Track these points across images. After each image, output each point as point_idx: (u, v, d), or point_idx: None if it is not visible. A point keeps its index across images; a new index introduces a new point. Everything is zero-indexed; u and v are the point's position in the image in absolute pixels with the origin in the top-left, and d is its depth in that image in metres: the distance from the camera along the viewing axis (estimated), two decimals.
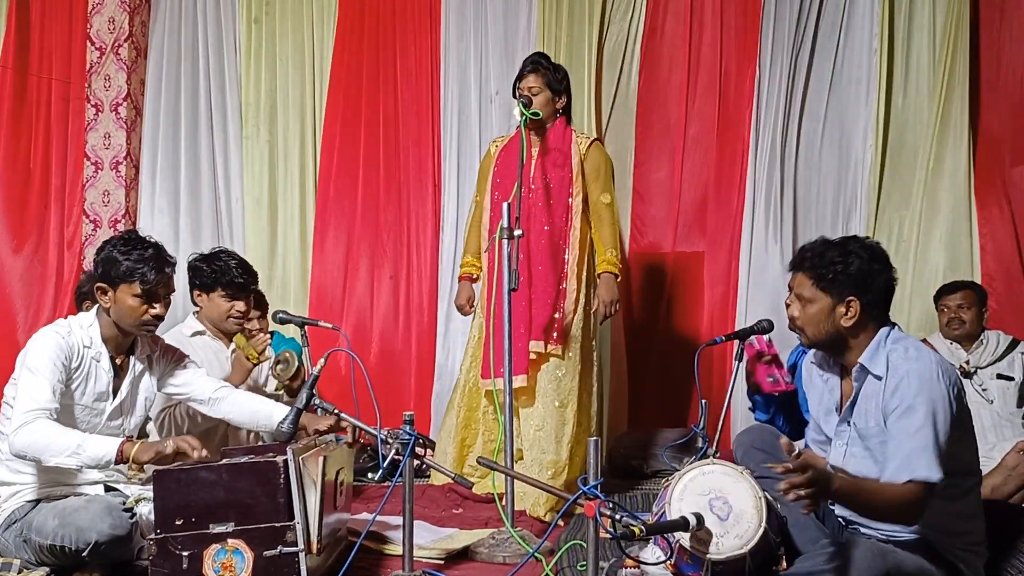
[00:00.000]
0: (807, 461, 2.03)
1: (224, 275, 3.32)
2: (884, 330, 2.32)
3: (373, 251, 5.07)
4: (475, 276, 3.80)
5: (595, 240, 3.66)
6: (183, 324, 3.46)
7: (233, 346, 3.43)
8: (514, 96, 3.60)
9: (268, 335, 3.37)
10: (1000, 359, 3.90)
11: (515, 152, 3.53)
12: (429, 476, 3.92)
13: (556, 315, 3.56)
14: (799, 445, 2.59)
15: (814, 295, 2.33)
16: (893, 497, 2.16)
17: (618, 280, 3.62)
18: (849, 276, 2.28)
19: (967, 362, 3.90)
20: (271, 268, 5.16)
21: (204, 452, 2.45)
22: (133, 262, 2.61)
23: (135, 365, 2.78)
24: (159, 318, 2.68)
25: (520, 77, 3.66)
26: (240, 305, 3.36)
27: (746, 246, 4.75)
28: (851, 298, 2.29)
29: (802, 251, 2.41)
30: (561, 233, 3.59)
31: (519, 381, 3.47)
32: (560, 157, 3.61)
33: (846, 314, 2.30)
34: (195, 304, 3.43)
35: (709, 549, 2.13)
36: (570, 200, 3.60)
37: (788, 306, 2.47)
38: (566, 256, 3.59)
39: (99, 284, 2.65)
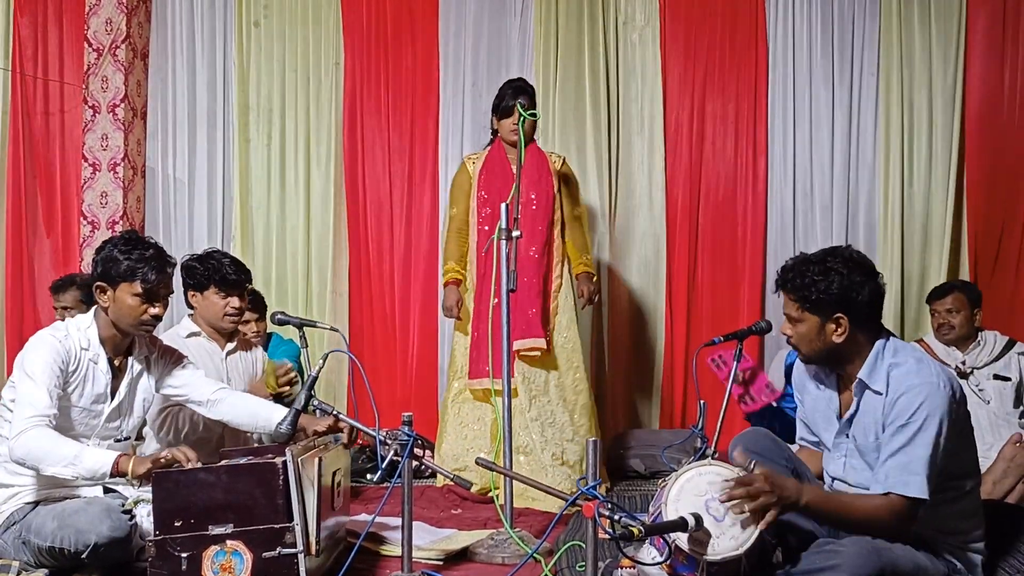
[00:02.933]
0: (765, 474, 2.09)
1: (216, 272, 3.32)
2: (880, 343, 2.31)
3: (392, 251, 5.08)
4: (460, 281, 3.94)
5: (569, 247, 3.96)
6: (179, 326, 3.45)
7: (229, 354, 3.42)
8: (514, 111, 3.70)
9: (296, 375, 3.37)
10: (997, 359, 3.90)
11: (496, 167, 3.87)
12: (435, 476, 3.97)
13: (540, 314, 3.76)
14: (793, 448, 2.61)
15: (801, 316, 2.32)
16: (871, 511, 2.18)
17: (593, 279, 4.00)
18: (832, 295, 2.26)
19: (963, 362, 3.90)
20: (271, 270, 5.14)
21: (199, 465, 2.45)
22: (134, 261, 2.62)
23: (133, 366, 2.78)
24: (158, 318, 2.69)
25: (507, 102, 3.80)
26: (235, 301, 3.35)
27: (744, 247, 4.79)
28: (839, 315, 2.28)
29: (783, 271, 2.38)
30: (544, 242, 3.82)
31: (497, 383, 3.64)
32: (541, 174, 3.84)
33: (836, 331, 2.29)
34: (189, 306, 3.43)
35: (705, 550, 2.14)
36: (552, 214, 3.85)
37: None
38: (552, 263, 3.86)
39: (99, 283, 2.65)
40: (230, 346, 3.42)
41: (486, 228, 3.80)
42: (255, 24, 5.17)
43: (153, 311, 2.65)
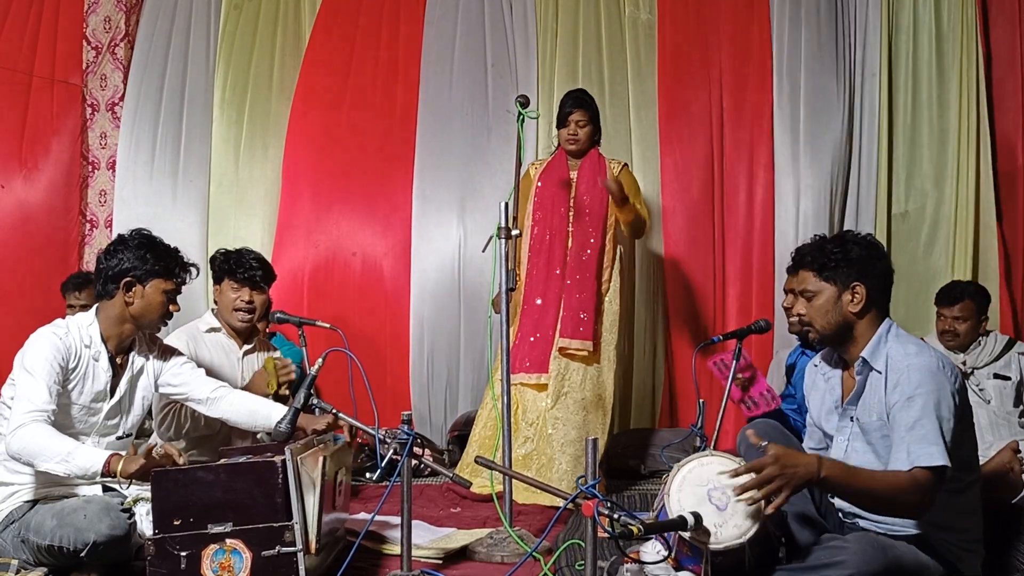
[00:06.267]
0: (776, 455, 2.07)
1: (237, 265, 3.33)
2: (886, 323, 2.37)
3: (341, 242, 5.03)
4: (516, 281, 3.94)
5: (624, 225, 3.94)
6: (199, 320, 3.43)
7: (247, 353, 3.41)
8: (559, 127, 3.96)
9: (294, 367, 3.35)
10: (997, 359, 3.89)
11: (554, 172, 3.97)
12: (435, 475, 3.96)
13: (592, 318, 3.82)
14: None
15: (819, 287, 2.38)
16: (894, 486, 2.15)
17: (639, 220, 3.92)
18: (851, 262, 2.35)
19: (964, 363, 3.90)
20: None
21: (188, 461, 2.48)
22: (169, 260, 2.74)
23: (133, 364, 2.79)
24: (171, 316, 2.80)
25: (564, 111, 3.94)
26: (245, 295, 3.34)
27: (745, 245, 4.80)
28: (856, 283, 2.35)
29: (799, 251, 2.47)
30: (596, 248, 3.88)
31: (542, 379, 3.82)
32: (595, 180, 3.89)
33: (852, 300, 2.35)
34: (215, 300, 3.43)
35: (709, 540, 2.15)
36: (606, 220, 3.91)
37: (787, 309, 2.51)
38: (603, 268, 3.90)
39: (127, 279, 2.67)
40: (247, 346, 3.41)
41: (536, 231, 3.92)
42: (235, 7, 5.12)
43: (173, 308, 2.77)
